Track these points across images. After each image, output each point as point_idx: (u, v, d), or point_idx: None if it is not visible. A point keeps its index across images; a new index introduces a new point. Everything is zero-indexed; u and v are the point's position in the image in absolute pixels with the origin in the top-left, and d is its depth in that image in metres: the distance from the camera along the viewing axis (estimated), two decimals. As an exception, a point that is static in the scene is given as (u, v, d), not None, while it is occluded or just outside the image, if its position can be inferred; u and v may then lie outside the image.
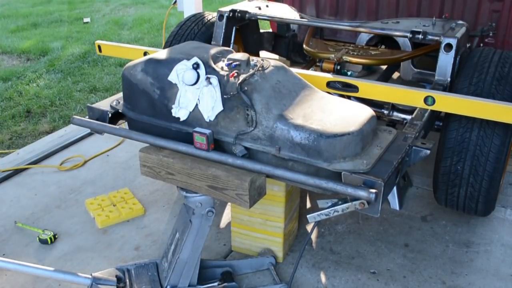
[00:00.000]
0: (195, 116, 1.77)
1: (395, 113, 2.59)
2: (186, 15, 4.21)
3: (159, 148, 1.83)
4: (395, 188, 1.74)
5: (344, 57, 2.78)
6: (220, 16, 3.02)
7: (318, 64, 3.00)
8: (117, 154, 3.39)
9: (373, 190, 1.49)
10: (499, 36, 3.31)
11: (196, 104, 1.75)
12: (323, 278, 2.26)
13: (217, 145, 1.75)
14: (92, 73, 5.17)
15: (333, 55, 2.79)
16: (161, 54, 1.88)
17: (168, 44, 3.07)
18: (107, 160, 3.31)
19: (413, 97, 2.13)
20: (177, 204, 2.80)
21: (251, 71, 1.72)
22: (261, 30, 3.58)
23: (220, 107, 1.71)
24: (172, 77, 1.79)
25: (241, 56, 1.77)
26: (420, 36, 2.60)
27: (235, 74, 1.71)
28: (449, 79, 2.43)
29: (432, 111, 2.16)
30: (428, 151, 1.75)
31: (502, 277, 2.27)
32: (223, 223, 2.64)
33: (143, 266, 2.13)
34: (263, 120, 1.66)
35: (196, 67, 1.74)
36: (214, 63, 1.79)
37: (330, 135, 1.58)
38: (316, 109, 1.71)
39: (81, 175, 3.13)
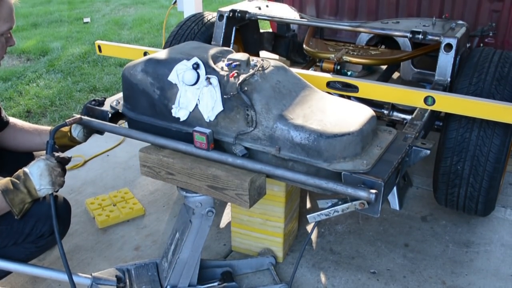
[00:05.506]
0: (195, 116, 1.77)
1: (395, 113, 2.59)
2: (186, 15, 4.21)
3: (159, 148, 1.83)
4: (395, 188, 1.74)
5: (344, 57, 2.78)
6: (220, 16, 3.02)
7: (318, 64, 3.00)
8: (117, 154, 3.39)
9: (373, 190, 1.49)
10: (499, 36, 3.31)
11: (196, 104, 1.75)
12: (323, 278, 2.26)
13: (217, 145, 1.75)
14: (92, 73, 5.17)
15: (333, 55, 2.79)
16: (161, 54, 1.88)
17: (168, 44, 3.07)
18: (107, 160, 3.31)
19: (413, 97, 2.13)
20: (177, 204, 2.80)
21: (251, 71, 1.72)
22: (261, 30, 3.58)
23: (220, 107, 1.71)
24: (172, 77, 1.79)
25: (241, 56, 1.77)
26: (420, 36, 2.60)
27: (235, 74, 1.71)
28: (449, 79, 2.43)
29: (432, 111, 2.16)
30: (428, 151, 1.75)
31: (502, 277, 2.27)
32: (223, 223, 2.64)
33: (143, 266, 2.13)
34: (263, 120, 1.66)
35: (196, 67, 1.74)
36: (214, 63, 1.79)
37: (330, 135, 1.58)
38: (316, 109, 1.71)
39: (81, 175, 3.13)
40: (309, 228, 2.58)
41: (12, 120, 2.19)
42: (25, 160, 2.04)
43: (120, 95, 2.10)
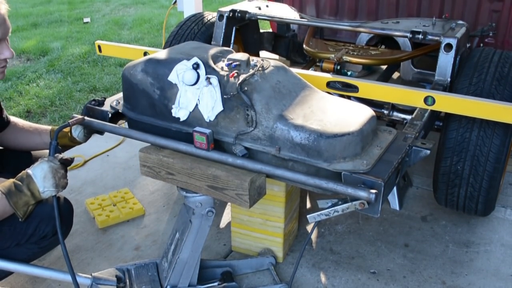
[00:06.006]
0: (195, 116, 1.77)
1: (395, 113, 2.59)
2: (186, 15, 4.21)
3: (159, 148, 1.83)
4: (395, 188, 1.74)
5: (344, 57, 2.78)
6: (220, 16, 3.02)
7: (318, 64, 3.01)
8: (117, 154, 3.39)
9: (373, 191, 1.49)
10: (499, 36, 3.31)
11: (196, 104, 1.75)
12: (323, 278, 2.26)
13: (217, 145, 1.75)
14: (92, 73, 5.17)
15: (333, 55, 2.79)
16: (161, 54, 1.89)
17: (168, 44, 3.07)
18: (107, 160, 3.31)
19: (413, 97, 2.13)
20: (177, 204, 2.80)
21: (251, 71, 1.72)
22: (261, 30, 3.58)
23: (220, 107, 1.71)
24: (172, 77, 1.79)
25: (241, 56, 1.77)
26: (420, 36, 2.60)
27: (235, 74, 1.71)
28: (449, 79, 2.43)
29: (432, 111, 2.16)
30: (428, 151, 1.75)
31: (502, 277, 2.27)
32: (223, 223, 2.64)
33: (143, 266, 2.13)
34: (263, 120, 1.66)
35: (196, 67, 1.74)
36: (214, 63, 1.79)
37: (330, 135, 1.58)
38: (316, 109, 1.71)
39: (81, 175, 3.13)
40: (309, 228, 2.58)
41: (13, 119, 2.19)
42: (26, 159, 2.04)
43: (120, 95, 2.10)
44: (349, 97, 2.38)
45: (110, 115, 2.08)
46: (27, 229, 1.83)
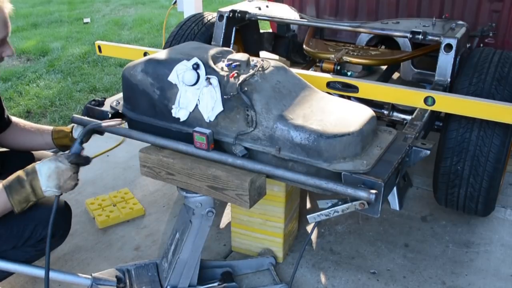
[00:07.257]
0: (195, 117, 1.77)
1: (395, 114, 2.59)
2: (186, 15, 4.21)
3: (159, 149, 1.83)
4: (395, 188, 1.74)
5: (344, 58, 2.79)
6: (220, 17, 3.02)
7: (318, 64, 3.01)
8: (117, 154, 3.39)
9: (373, 191, 1.49)
10: (499, 36, 3.31)
11: (196, 105, 1.75)
12: (323, 278, 2.26)
13: (217, 145, 1.75)
14: (92, 73, 5.17)
15: (333, 56, 2.80)
16: (161, 54, 1.88)
17: (168, 44, 3.07)
18: (107, 160, 3.31)
19: (413, 97, 2.13)
20: (177, 204, 2.80)
21: (251, 72, 1.72)
22: (261, 31, 3.58)
23: (220, 108, 1.71)
24: (172, 78, 1.79)
25: (241, 56, 1.77)
26: (420, 37, 2.60)
27: (235, 75, 1.71)
28: (449, 80, 2.43)
29: (432, 111, 2.16)
30: (428, 152, 1.75)
31: (502, 277, 2.27)
32: (223, 223, 2.64)
33: (143, 267, 2.13)
34: (263, 120, 1.66)
35: (196, 67, 1.74)
36: (214, 64, 1.79)
37: (330, 135, 1.58)
38: (316, 110, 1.71)
39: (81, 175, 3.10)
40: (309, 228, 2.58)
41: (14, 119, 2.19)
42: (28, 161, 2.04)
43: (120, 95, 2.10)
44: (349, 97, 2.38)
45: (110, 115, 2.08)
46: (24, 232, 1.82)
